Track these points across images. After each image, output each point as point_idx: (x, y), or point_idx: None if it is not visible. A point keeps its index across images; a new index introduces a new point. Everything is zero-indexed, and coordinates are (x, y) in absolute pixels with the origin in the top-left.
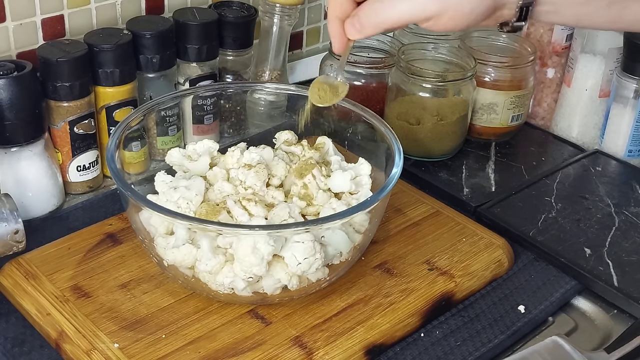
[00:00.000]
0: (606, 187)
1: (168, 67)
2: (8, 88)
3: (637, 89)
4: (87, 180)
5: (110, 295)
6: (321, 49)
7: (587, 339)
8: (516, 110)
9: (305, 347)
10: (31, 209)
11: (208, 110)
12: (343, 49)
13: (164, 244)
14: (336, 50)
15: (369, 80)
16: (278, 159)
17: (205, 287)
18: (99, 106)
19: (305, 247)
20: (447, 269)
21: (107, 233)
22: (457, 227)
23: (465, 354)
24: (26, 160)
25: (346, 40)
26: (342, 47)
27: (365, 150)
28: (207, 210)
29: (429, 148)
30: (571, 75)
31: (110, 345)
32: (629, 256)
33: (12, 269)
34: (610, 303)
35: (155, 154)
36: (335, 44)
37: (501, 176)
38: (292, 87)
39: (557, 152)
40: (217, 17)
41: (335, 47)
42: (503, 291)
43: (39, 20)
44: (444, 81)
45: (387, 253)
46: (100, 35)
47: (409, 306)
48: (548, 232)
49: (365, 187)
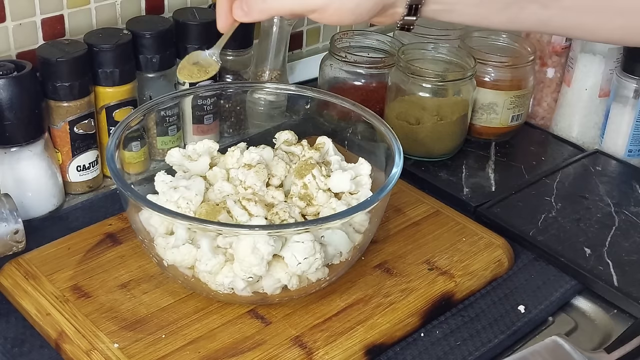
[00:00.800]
0: (606, 186)
1: (168, 67)
2: (8, 88)
3: (637, 89)
4: (87, 180)
5: (110, 295)
6: (321, 49)
7: (587, 339)
8: (516, 110)
9: (305, 347)
10: (31, 209)
11: (208, 110)
12: (227, 29)
13: (164, 244)
14: (220, 28)
15: (369, 80)
16: (278, 159)
17: (205, 287)
18: (99, 106)
19: (305, 247)
20: (447, 268)
21: (107, 233)
22: (457, 227)
23: (465, 354)
24: (26, 160)
25: (232, 21)
26: (226, 26)
27: (365, 150)
28: (207, 210)
29: (429, 148)
30: (571, 75)
31: (110, 345)
32: (629, 256)
33: (12, 269)
34: (610, 303)
35: (155, 154)
36: (220, 22)
37: (501, 176)
38: (292, 87)
39: (557, 152)
40: None
41: (219, 25)
42: (503, 291)
43: (38, 20)
44: (444, 81)
45: (387, 253)
46: (100, 35)
47: (409, 306)
48: (548, 232)
49: (365, 187)
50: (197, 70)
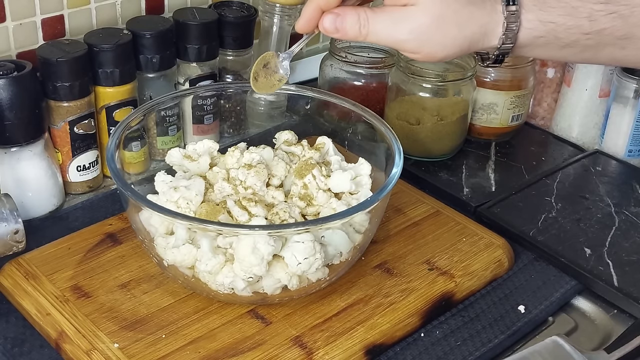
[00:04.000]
0: (606, 187)
1: (168, 67)
2: (8, 88)
3: (637, 89)
4: (87, 180)
5: (110, 295)
6: (321, 49)
7: (587, 339)
8: (516, 110)
9: (305, 347)
10: (31, 209)
11: (208, 110)
12: (305, 31)
13: (164, 244)
14: (298, 29)
15: (369, 80)
16: (278, 159)
17: (205, 287)
18: (99, 106)
19: (305, 247)
20: (447, 269)
21: (107, 233)
22: (457, 227)
23: (465, 354)
24: (26, 160)
25: (313, 28)
26: (306, 30)
27: (365, 150)
28: (207, 210)
29: (429, 148)
30: (571, 75)
31: (110, 345)
32: (629, 256)
33: (12, 269)
34: (610, 303)
35: (155, 154)
36: (300, 24)
37: (501, 176)
38: (292, 87)
39: (557, 152)
40: (217, 17)
41: (298, 26)
42: (503, 291)
43: (39, 20)
44: (444, 81)
45: (387, 253)
46: (100, 35)
47: (409, 306)
48: (548, 232)
49: (365, 187)
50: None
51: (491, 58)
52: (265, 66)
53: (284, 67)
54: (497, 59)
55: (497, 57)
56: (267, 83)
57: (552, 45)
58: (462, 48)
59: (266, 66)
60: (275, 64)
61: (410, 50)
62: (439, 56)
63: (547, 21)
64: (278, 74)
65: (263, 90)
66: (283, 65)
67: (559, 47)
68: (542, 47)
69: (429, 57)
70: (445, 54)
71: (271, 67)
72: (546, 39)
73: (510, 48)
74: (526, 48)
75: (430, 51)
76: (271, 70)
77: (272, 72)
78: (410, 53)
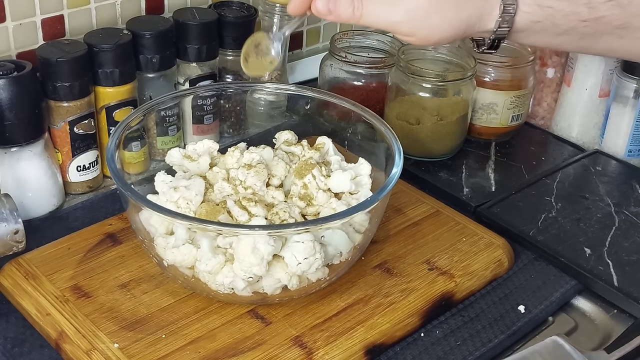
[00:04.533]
0: (606, 186)
1: (168, 67)
2: (8, 88)
3: (637, 89)
4: (87, 180)
5: (110, 295)
6: (321, 49)
7: (587, 339)
8: (516, 110)
9: (305, 347)
10: (31, 209)
11: (208, 110)
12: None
13: (164, 244)
14: (290, 10)
15: (369, 80)
16: (278, 159)
17: (205, 287)
18: (99, 106)
19: (305, 247)
20: (447, 268)
21: (107, 233)
22: (457, 227)
23: (465, 354)
24: (26, 160)
25: (306, 9)
26: (298, 11)
27: (365, 150)
28: (207, 210)
29: (429, 148)
30: (571, 74)
31: (110, 345)
32: (629, 256)
33: (12, 269)
34: (610, 303)
35: (155, 154)
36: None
37: (501, 176)
38: (292, 87)
39: (557, 152)
40: (217, 17)
41: (290, 7)
42: (503, 291)
43: (38, 20)
44: (444, 81)
45: (387, 253)
46: (100, 35)
47: (409, 306)
48: (548, 232)
49: (365, 187)
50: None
51: (487, 43)
52: (257, 47)
53: (275, 49)
54: (492, 44)
55: (493, 42)
56: (258, 64)
57: (549, 32)
58: (458, 32)
59: (257, 47)
60: (267, 46)
61: (405, 33)
62: (433, 39)
63: (545, 5)
64: (269, 55)
65: (253, 72)
66: (274, 47)
67: (556, 34)
68: (538, 33)
69: (424, 40)
70: (440, 37)
71: (262, 48)
72: (543, 25)
73: (507, 32)
74: (522, 33)
75: (425, 34)
76: (262, 51)
77: (264, 54)
78: (404, 36)
